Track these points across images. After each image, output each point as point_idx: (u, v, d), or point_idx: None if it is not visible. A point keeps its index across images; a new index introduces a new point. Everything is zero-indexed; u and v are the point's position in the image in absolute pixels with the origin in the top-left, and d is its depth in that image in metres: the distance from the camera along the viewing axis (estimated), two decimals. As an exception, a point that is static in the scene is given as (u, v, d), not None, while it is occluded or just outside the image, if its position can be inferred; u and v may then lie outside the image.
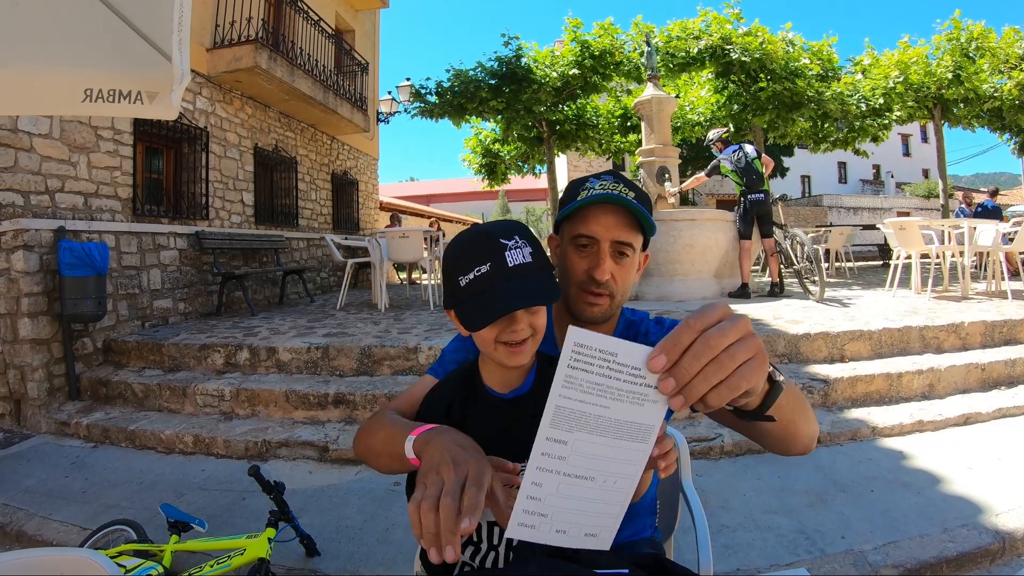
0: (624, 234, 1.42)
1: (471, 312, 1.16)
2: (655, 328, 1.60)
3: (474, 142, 18.41)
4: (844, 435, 4.31)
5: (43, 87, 2.33)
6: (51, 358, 5.67)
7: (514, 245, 1.17)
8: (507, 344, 1.19)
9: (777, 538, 3.02)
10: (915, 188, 42.45)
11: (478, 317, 1.15)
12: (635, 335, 1.59)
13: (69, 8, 2.25)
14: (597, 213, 1.42)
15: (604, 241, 1.42)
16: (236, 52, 8.66)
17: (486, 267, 1.14)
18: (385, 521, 3.40)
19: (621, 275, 1.45)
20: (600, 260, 1.42)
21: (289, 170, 11.57)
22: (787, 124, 14.29)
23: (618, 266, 1.44)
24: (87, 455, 4.69)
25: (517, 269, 1.15)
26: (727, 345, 0.80)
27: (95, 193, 6.57)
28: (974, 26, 14.89)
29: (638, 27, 14.39)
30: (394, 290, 12.61)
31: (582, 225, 1.44)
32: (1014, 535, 2.94)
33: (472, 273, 1.15)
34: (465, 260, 1.17)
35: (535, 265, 1.18)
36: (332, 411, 4.91)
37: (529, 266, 1.16)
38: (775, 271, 8.53)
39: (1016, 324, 5.94)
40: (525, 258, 1.17)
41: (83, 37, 2.29)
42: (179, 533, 2.79)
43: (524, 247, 1.18)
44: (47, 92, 2.36)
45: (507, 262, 1.15)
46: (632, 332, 1.61)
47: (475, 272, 1.15)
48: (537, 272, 1.18)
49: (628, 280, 1.48)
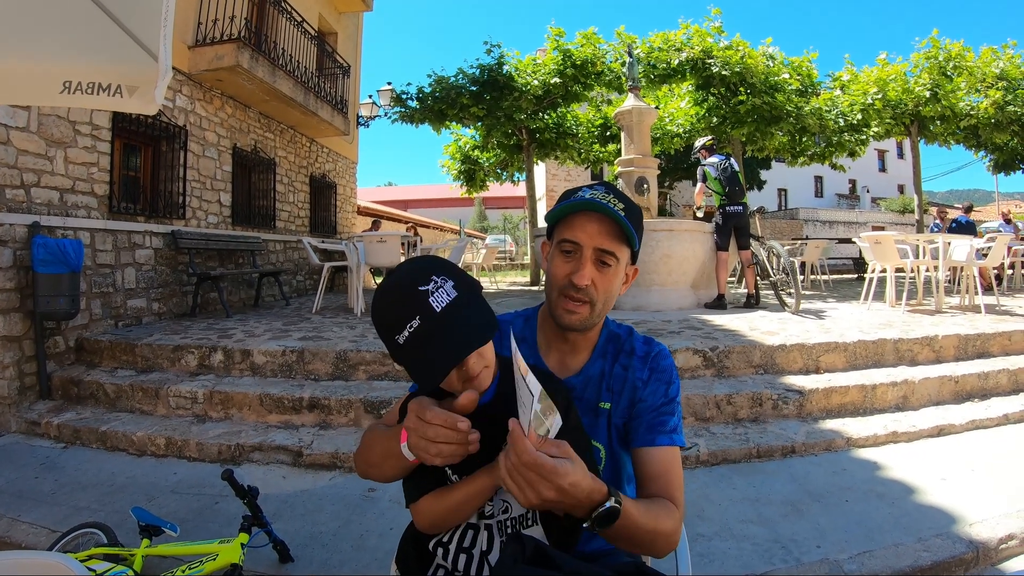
0: (607, 242, 1.44)
1: (422, 371, 1.16)
2: (641, 348, 1.61)
3: (453, 148, 18.36)
4: (819, 445, 4.33)
5: (20, 77, 2.29)
6: (22, 356, 5.58)
7: (434, 287, 1.17)
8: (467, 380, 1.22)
9: (753, 547, 3.03)
10: (890, 203, 43.11)
11: (428, 376, 1.16)
12: (618, 351, 1.61)
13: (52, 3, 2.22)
14: (583, 220, 1.45)
15: (587, 247, 1.44)
16: (218, 50, 8.58)
17: (416, 321, 1.14)
18: (360, 527, 3.37)
19: (603, 284, 1.47)
20: (581, 265, 1.44)
21: (267, 171, 11.47)
22: (765, 137, 14.41)
23: (600, 274, 1.46)
24: (57, 456, 4.61)
25: (447, 312, 1.15)
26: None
27: (71, 189, 6.46)
28: (952, 45, 15.12)
29: (620, 37, 14.44)
30: (371, 294, 12.50)
31: (567, 231, 1.46)
32: (987, 544, 2.98)
33: (406, 331, 1.14)
34: (393, 319, 1.17)
35: (462, 299, 1.19)
36: (307, 415, 4.86)
37: (456, 302, 1.17)
38: (751, 283, 8.60)
39: (989, 337, 6.03)
40: (450, 295, 1.17)
41: (63, 28, 2.26)
42: (150, 537, 2.74)
43: (444, 283, 1.18)
44: (24, 83, 2.32)
45: (434, 309, 1.14)
46: (615, 346, 1.62)
47: (408, 329, 1.14)
48: (467, 306, 1.19)
49: (610, 290, 1.49)
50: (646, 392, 1.53)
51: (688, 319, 7.19)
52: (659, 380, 1.55)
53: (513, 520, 1.31)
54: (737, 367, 5.32)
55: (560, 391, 1.36)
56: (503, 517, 1.31)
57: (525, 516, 1.32)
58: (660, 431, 1.48)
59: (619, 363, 1.58)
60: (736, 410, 4.76)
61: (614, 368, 1.58)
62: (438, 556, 1.34)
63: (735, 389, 4.88)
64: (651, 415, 1.50)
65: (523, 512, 1.32)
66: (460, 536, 1.32)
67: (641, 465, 1.46)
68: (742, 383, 5.06)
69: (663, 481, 1.42)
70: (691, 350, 5.27)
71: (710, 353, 5.28)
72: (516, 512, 1.32)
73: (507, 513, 1.31)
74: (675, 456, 1.47)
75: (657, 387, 1.54)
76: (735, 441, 4.33)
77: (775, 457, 4.23)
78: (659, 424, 1.48)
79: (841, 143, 15.31)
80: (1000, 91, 14.70)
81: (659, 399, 1.52)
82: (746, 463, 4.17)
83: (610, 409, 1.54)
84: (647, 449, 1.46)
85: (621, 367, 1.57)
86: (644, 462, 1.46)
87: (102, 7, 2.20)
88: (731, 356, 5.32)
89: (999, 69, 15.01)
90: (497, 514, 1.31)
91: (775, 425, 4.63)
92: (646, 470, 1.45)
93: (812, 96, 14.99)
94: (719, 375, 5.27)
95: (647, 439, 1.47)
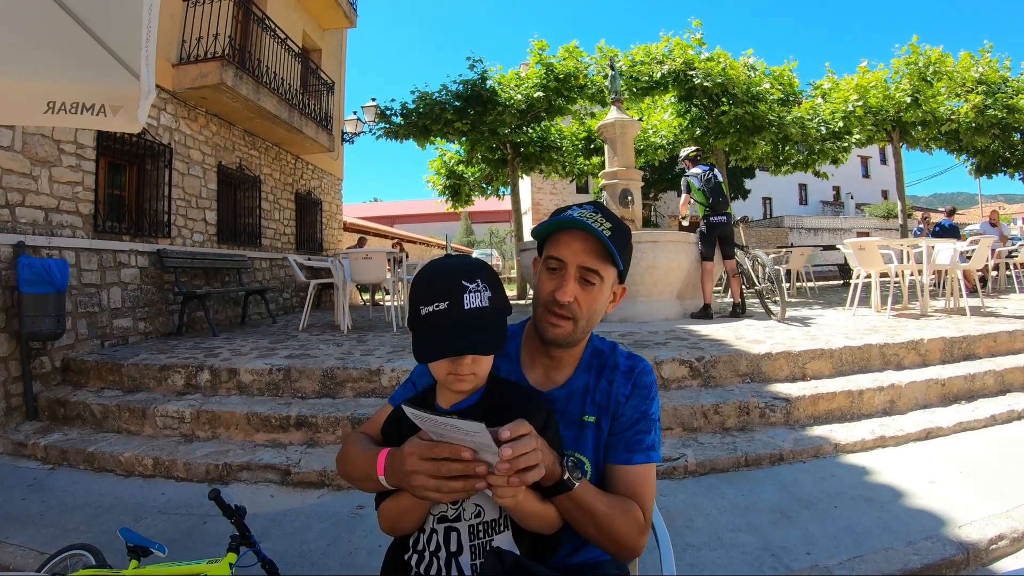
0: (591, 261, 1.47)
1: (423, 345, 1.29)
2: (624, 363, 1.63)
3: (438, 163, 18.39)
4: (807, 452, 4.35)
5: (5, 97, 2.29)
6: (8, 376, 5.54)
7: (475, 288, 1.28)
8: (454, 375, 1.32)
9: (743, 556, 3.04)
10: (874, 209, 43.39)
11: (426, 352, 1.29)
12: (602, 366, 1.63)
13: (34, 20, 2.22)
14: (568, 238, 1.49)
15: (571, 264, 1.48)
16: (202, 68, 8.57)
17: (444, 305, 1.26)
18: (348, 545, 3.36)
19: (586, 301, 1.49)
20: (565, 282, 1.48)
21: (253, 189, 11.44)
22: (748, 147, 14.49)
23: (583, 291, 1.49)
24: (44, 477, 4.57)
25: (471, 313, 1.26)
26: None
27: (56, 208, 6.43)
28: (932, 51, 15.29)
29: (602, 51, 14.50)
30: (357, 311, 12.53)
31: (553, 248, 1.50)
32: (977, 545, 3.00)
33: (432, 307, 1.27)
34: (428, 292, 1.29)
35: (490, 311, 1.30)
36: (294, 434, 4.84)
37: (484, 311, 1.28)
38: (737, 292, 8.64)
39: (975, 340, 6.08)
40: (482, 302, 1.28)
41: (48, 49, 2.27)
42: (139, 558, 2.72)
43: (484, 291, 1.29)
44: (9, 102, 2.32)
45: (464, 304, 1.26)
46: (599, 361, 1.64)
47: (434, 307, 1.26)
48: (490, 318, 1.30)
49: (594, 307, 1.52)
50: (627, 407, 1.55)
51: (674, 329, 7.22)
52: (640, 396, 1.57)
53: (485, 524, 1.34)
54: (724, 376, 5.33)
55: (539, 408, 1.40)
56: (475, 521, 1.33)
57: (497, 521, 1.35)
58: (638, 449, 1.51)
59: (604, 378, 1.60)
60: (723, 419, 4.77)
61: (600, 382, 1.59)
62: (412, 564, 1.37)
63: (722, 398, 4.89)
64: (630, 432, 1.52)
65: (495, 516, 1.35)
66: (428, 540, 1.35)
67: (616, 481, 1.49)
68: (729, 392, 5.08)
69: (635, 496, 1.47)
70: (677, 360, 5.28)
71: (696, 363, 5.29)
72: (488, 516, 1.34)
73: (479, 517, 1.33)
74: (650, 472, 1.52)
75: (638, 403, 1.56)
76: (723, 450, 4.34)
77: (763, 465, 4.24)
78: (637, 442, 1.52)
79: (824, 151, 15.44)
80: (980, 95, 14.86)
81: (637, 415, 1.55)
82: (734, 472, 4.18)
83: (595, 422, 1.55)
84: (623, 467, 1.50)
85: (607, 382, 1.59)
86: (619, 478, 1.49)
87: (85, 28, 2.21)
88: (717, 366, 5.33)
89: (978, 73, 15.20)
90: (469, 517, 1.34)
91: (763, 433, 4.64)
92: (620, 486, 1.48)
93: (794, 105, 15.11)
94: (706, 385, 5.28)
95: (624, 457, 1.51)
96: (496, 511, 1.33)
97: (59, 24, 2.22)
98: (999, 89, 15.34)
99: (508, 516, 1.33)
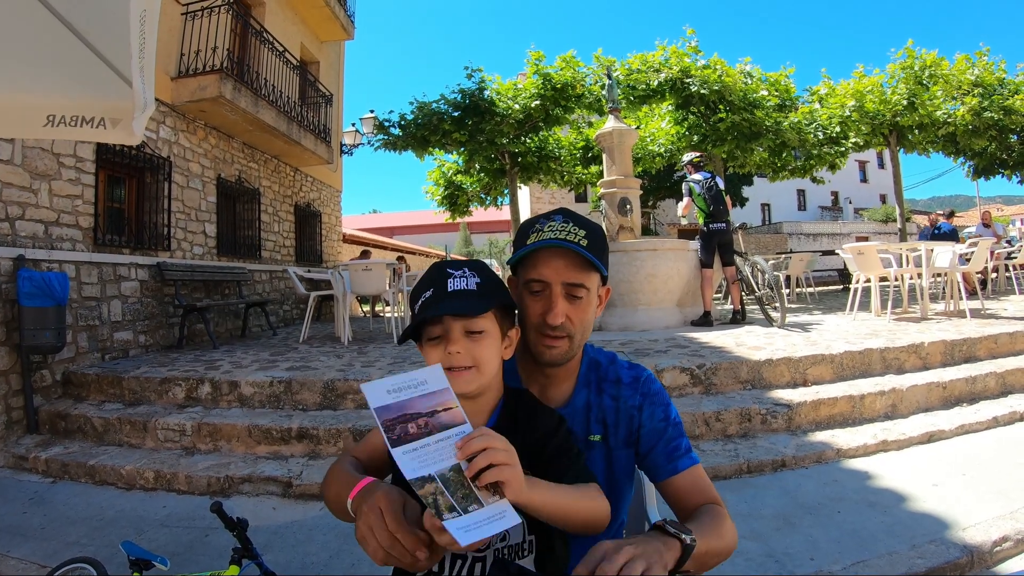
0: (575, 275, 1.42)
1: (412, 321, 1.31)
2: (628, 375, 1.58)
3: (437, 174, 18.42)
4: (809, 458, 4.34)
5: (5, 111, 2.30)
6: (9, 390, 5.54)
7: (460, 275, 1.29)
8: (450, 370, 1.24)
9: (746, 562, 3.02)
10: (873, 213, 43.43)
11: (409, 328, 1.30)
12: (600, 379, 1.59)
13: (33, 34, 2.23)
14: (546, 257, 1.42)
15: (555, 284, 1.42)
16: (201, 81, 8.61)
17: (430, 292, 1.29)
18: (351, 556, 3.34)
19: (577, 315, 1.45)
20: (553, 304, 1.42)
21: (252, 201, 11.46)
22: (746, 154, 14.53)
23: (572, 307, 1.44)
24: (46, 490, 4.56)
25: (454, 293, 1.27)
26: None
27: (56, 221, 6.45)
28: (927, 54, 15.36)
29: (599, 60, 14.56)
30: (357, 323, 12.54)
31: (533, 270, 1.44)
32: (982, 547, 2.99)
33: (422, 298, 1.30)
34: (421, 286, 1.32)
35: (476, 292, 1.29)
36: (296, 445, 4.83)
37: (467, 292, 1.28)
38: (737, 298, 8.63)
39: (975, 342, 6.08)
40: (468, 286, 1.28)
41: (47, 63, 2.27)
42: (141, 571, 2.71)
43: (471, 277, 1.30)
44: (8, 116, 2.33)
45: (447, 288, 1.27)
46: (597, 374, 1.60)
47: (423, 297, 1.29)
48: (476, 295, 1.28)
49: (586, 319, 1.48)
50: (644, 417, 1.52)
51: (675, 337, 7.21)
52: (653, 403, 1.54)
53: (510, 548, 1.30)
54: (725, 383, 5.33)
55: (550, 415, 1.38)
56: (500, 545, 1.30)
57: (521, 545, 1.30)
58: (677, 456, 1.48)
59: (607, 394, 1.55)
60: (725, 426, 4.76)
61: (603, 399, 1.55)
62: None
63: (723, 406, 4.88)
64: (661, 445, 1.49)
65: (519, 540, 1.30)
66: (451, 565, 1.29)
67: (675, 493, 1.46)
68: (730, 399, 5.08)
69: (699, 495, 1.44)
70: (678, 368, 5.29)
71: (697, 371, 5.29)
72: (514, 540, 1.30)
73: (504, 541, 1.30)
74: (699, 471, 1.48)
75: (654, 410, 1.53)
76: (725, 457, 4.34)
77: (766, 471, 4.23)
78: (674, 450, 1.48)
79: (821, 156, 15.46)
80: (976, 97, 14.92)
81: (660, 423, 1.51)
82: (737, 479, 4.17)
83: (601, 441, 1.52)
84: (674, 478, 1.46)
85: (611, 398, 1.55)
86: (676, 489, 1.46)
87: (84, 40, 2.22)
88: (718, 373, 5.33)
89: (974, 76, 15.26)
90: (495, 543, 1.29)
91: (764, 440, 4.63)
92: (681, 495, 1.45)
93: (791, 111, 15.16)
94: (707, 392, 5.28)
95: (670, 468, 1.47)
96: (520, 535, 1.28)
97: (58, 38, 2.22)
98: (995, 91, 15.41)
99: (533, 541, 1.29)
